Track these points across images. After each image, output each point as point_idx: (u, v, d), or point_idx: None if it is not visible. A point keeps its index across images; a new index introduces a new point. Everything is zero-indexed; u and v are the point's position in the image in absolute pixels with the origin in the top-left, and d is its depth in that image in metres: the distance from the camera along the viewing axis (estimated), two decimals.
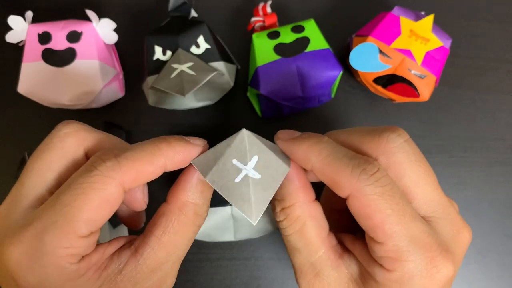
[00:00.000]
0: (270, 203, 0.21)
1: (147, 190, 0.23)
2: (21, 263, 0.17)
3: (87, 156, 0.21)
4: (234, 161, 0.20)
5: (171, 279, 0.21)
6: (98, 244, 0.20)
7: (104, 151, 0.19)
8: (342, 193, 0.19)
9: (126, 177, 0.18)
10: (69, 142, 0.20)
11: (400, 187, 0.19)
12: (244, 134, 0.20)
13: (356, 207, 0.18)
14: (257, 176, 0.20)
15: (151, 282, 0.19)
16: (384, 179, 0.18)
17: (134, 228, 0.25)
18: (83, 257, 0.18)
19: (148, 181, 0.20)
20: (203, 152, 0.21)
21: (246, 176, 0.19)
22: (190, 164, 0.21)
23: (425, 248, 0.18)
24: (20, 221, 0.18)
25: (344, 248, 0.21)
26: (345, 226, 0.23)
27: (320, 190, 0.20)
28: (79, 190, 0.17)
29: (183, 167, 0.20)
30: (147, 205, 0.23)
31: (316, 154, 0.20)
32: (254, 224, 0.19)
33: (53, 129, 0.20)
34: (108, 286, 0.18)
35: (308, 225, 0.20)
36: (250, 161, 0.20)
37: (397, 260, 0.18)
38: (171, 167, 0.20)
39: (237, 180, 0.19)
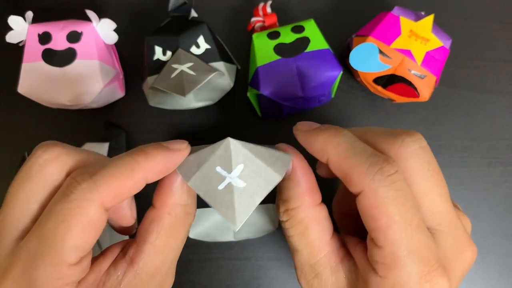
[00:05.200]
0: (274, 202, 0.21)
1: (134, 206, 0.22)
2: None
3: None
4: (218, 169, 0.19)
5: (171, 279, 0.21)
6: (93, 259, 0.19)
7: (79, 171, 0.18)
8: (354, 189, 0.18)
9: (105, 196, 0.17)
10: (51, 170, 0.19)
11: None
12: (230, 143, 0.19)
13: (365, 206, 0.18)
14: (241, 184, 0.19)
15: (152, 286, 0.19)
16: (400, 183, 0.17)
17: (128, 234, 0.25)
18: (79, 282, 0.18)
19: (130, 196, 0.19)
20: (186, 155, 0.20)
21: (229, 184, 0.19)
22: None
23: (422, 261, 0.17)
24: (7, 256, 0.18)
25: (346, 251, 0.21)
26: (355, 230, 0.23)
27: (328, 190, 0.20)
28: (59, 218, 0.17)
29: (165, 175, 0.20)
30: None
31: (334, 146, 0.19)
32: (236, 231, 0.18)
33: (32, 153, 0.19)
34: None
35: (310, 228, 0.20)
36: (234, 170, 0.19)
37: (391, 268, 0.17)
38: (152, 178, 0.19)
39: (221, 187, 0.19)
